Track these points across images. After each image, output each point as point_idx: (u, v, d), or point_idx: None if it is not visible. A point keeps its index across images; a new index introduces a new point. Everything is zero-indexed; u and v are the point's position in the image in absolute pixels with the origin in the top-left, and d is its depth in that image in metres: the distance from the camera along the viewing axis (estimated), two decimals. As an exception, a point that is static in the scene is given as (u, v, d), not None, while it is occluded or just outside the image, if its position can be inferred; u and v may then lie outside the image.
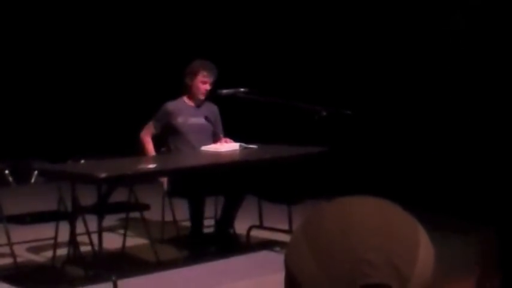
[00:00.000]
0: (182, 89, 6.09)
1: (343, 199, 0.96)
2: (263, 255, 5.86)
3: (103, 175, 4.86)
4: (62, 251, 5.53)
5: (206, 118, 6.10)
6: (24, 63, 9.51)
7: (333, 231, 0.91)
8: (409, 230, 0.92)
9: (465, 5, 7.38)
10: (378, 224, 0.91)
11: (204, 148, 5.96)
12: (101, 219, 5.06)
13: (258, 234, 6.27)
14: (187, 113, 6.02)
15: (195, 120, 6.05)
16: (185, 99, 6.08)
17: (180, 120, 5.98)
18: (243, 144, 6.07)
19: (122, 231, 6.02)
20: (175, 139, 5.99)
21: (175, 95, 6.14)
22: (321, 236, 0.91)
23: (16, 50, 9.45)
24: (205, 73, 5.96)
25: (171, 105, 6.02)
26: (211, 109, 6.17)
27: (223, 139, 6.13)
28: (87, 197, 5.45)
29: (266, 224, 6.29)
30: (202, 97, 6.04)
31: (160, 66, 9.27)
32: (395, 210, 0.94)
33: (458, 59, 7.41)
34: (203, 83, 5.97)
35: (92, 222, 5.25)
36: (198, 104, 6.09)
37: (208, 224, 6.34)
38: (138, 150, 6.03)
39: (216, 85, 6.04)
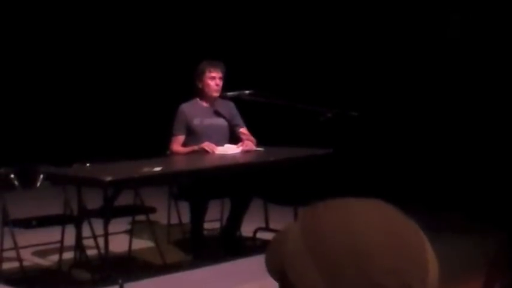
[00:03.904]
0: (195, 91, 6.09)
1: (341, 205, 0.96)
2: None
3: (109, 178, 4.86)
4: (68, 255, 5.53)
5: (216, 112, 6.06)
6: (30, 68, 9.51)
7: (344, 251, 0.90)
8: (418, 244, 0.93)
9: (466, 7, 7.38)
10: (389, 243, 0.90)
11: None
12: (107, 222, 5.06)
13: (264, 236, 6.26)
14: (203, 114, 6.02)
15: (211, 121, 6.03)
16: (198, 100, 6.06)
17: (196, 122, 5.98)
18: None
19: (128, 235, 6.02)
20: (193, 141, 5.96)
21: (182, 98, 6.12)
22: (330, 253, 0.90)
23: (22, 55, 9.45)
24: (211, 69, 5.96)
25: (186, 107, 6.01)
26: (226, 106, 6.14)
27: (245, 142, 6.06)
28: (93, 200, 5.45)
29: (272, 226, 6.28)
30: (215, 94, 6.02)
31: (166, 70, 9.28)
32: (403, 222, 0.94)
33: (462, 60, 7.40)
34: (212, 79, 5.96)
35: (98, 225, 5.25)
36: (212, 104, 6.08)
37: (214, 227, 6.35)
38: (145, 154, 6.00)
39: (223, 87, 6.03)
